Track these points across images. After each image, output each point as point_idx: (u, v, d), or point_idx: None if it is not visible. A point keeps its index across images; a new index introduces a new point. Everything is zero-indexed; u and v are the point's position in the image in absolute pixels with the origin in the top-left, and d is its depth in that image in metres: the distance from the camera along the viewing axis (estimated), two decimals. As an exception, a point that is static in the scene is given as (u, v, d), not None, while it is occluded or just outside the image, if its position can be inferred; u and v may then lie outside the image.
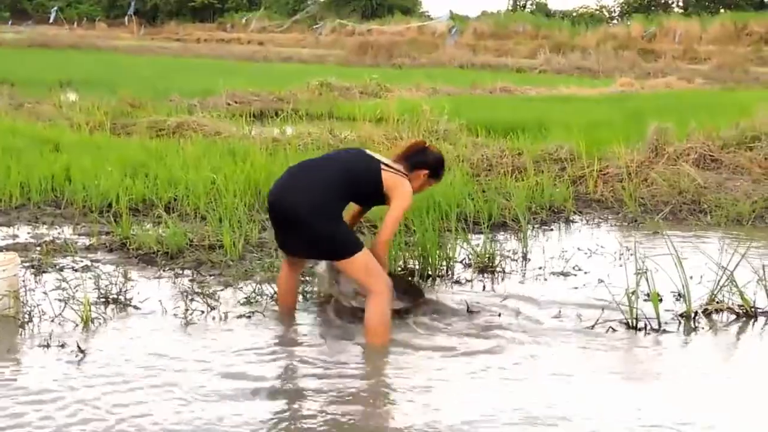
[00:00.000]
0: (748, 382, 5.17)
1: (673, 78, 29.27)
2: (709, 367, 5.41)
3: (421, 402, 4.79)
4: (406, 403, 4.80)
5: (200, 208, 8.47)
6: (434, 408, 4.70)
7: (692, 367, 5.36)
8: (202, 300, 6.17)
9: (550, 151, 11.73)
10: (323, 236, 5.41)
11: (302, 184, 5.50)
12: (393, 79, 23.75)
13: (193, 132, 13.30)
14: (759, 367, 5.43)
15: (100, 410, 4.52)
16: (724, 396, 4.95)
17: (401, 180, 5.69)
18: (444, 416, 4.59)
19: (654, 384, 5.10)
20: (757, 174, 10.91)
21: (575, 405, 4.74)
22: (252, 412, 4.56)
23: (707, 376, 5.22)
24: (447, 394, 4.89)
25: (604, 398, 4.86)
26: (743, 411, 4.75)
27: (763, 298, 6.32)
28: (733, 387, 5.10)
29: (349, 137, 12.65)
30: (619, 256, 7.67)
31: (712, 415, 4.67)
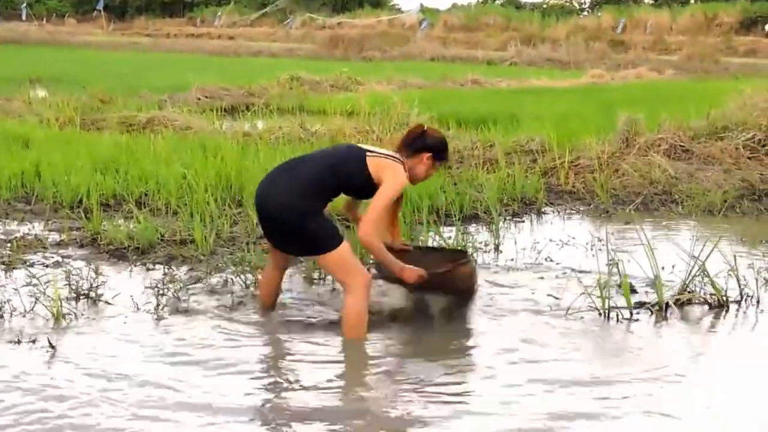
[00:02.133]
0: (718, 371, 5.19)
1: (643, 69, 29.38)
2: (680, 356, 5.42)
3: (395, 389, 4.81)
4: (379, 390, 4.80)
5: (171, 203, 8.42)
6: (408, 397, 4.70)
7: (663, 357, 5.38)
8: (173, 295, 6.13)
9: (521, 143, 11.75)
10: (299, 232, 5.39)
11: (282, 181, 5.47)
12: (364, 73, 23.71)
13: (164, 127, 13.23)
14: (730, 356, 5.45)
15: (72, 406, 4.48)
16: (694, 384, 4.96)
17: (390, 164, 5.46)
18: (418, 406, 4.59)
19: (624, 373, 5.10)
20: (728, 164, 10.97)
21: (547, 395, 4.74)
22: (226, 405, 4.53)
23: (678, 365, 5.23)
24: (420, 384, 4.89)
25: (575, 387, 4.86)
26: (713, 399, 4.76)
27: (735, 287, 6.34)
28: (704, 375, 5.12)
29: (320, 131, 12.62)
30: (590, 247, 7.69)
31: (683, 404, 4.69)
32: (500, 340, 5.57)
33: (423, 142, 5.66)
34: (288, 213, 5.36)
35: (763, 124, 11.47)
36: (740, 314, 6.15)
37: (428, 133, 5.74)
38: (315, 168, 5.50)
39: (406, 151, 5.66)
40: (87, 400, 4.55)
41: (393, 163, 5.48)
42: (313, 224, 5.38)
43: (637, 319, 5.98)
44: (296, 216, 5.35)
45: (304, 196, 5.37)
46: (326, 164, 5.52)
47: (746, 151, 11.26)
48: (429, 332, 5.71)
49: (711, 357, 5.48)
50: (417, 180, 5.81)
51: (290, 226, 5.39)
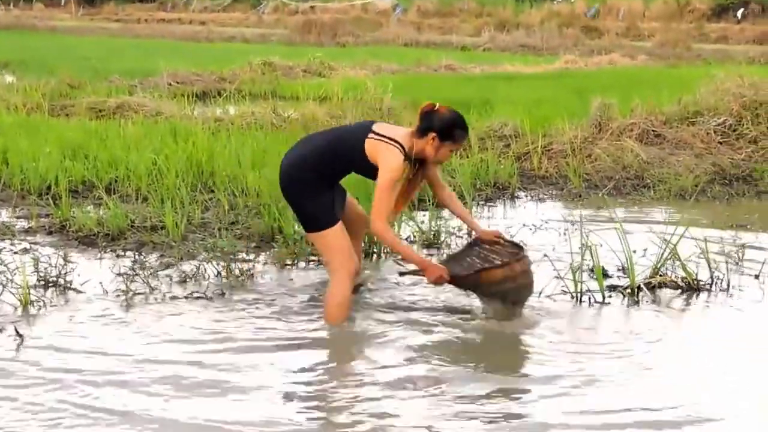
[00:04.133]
0: (689, 354, 5.20)
1: (616, 55, 29.37)
2: (652, 338, 5.43)
3: (376, 373, 4.81)
4: (357, 375, 4.78)
5: (142, 189, 8.35)
6: (388, 381, 4.70)
7: (634, 339, 5.39)
8: (143, 281, 6.08)
9: (494, 128, 11.73)
10: (293, 204, 5.52)
11: (293, 152, 5.57)
12: (337, 58, 23.61)
13: (134, 113, 13.09)
14: (700, 338, 5.47)
15: (41, 395, 4.44)
16: (664, 366, 4.97)
17: (383, 148, 5.29)
18: (399, 391, 4.58)
19: (596, 356, 5.11)
20: (700, 148, 10.99)
21: (519, 378, 4.74)
22: (195, 390, 4.50)
23: (649, 348, 5.24)
24: (397, 366, 4.87)
25: (548, 369, 4.87)
26: (683, 382, 4.77)
27: (706, 270, 6.35)
28: (674, 357, 5.12)
29: (292, 116, 12.55)
30: (563, 232, 7.69)
31: (654, 385, 4.69)
32: (473, 325, 5.58)
33: (429, 122, 5.35)
34: (286, 182, 5.47)
35: (734, 109, 11.50)
36: (711, 297, 6.17)
37: (436, 112, 5.39)
38: (319, 140, 5.57)
39: (418, 131, 5.39)
40: (55, 388, 4.51)
41: (386, 147, 5.30)
42: (305, 199, 5.41)
43: (609, 302, 5.98)
44: (292, 187, 5.43)
45: (302, 168, 5.40)
46: (330, 137, 5.56)
47: (717, 135, 11.29)
48: (401, 316, 5.68)
49: (682, 339, 5.48)
50: (432, 161, 5.49)
51: (287, 196, 5.52)
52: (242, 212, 7.77)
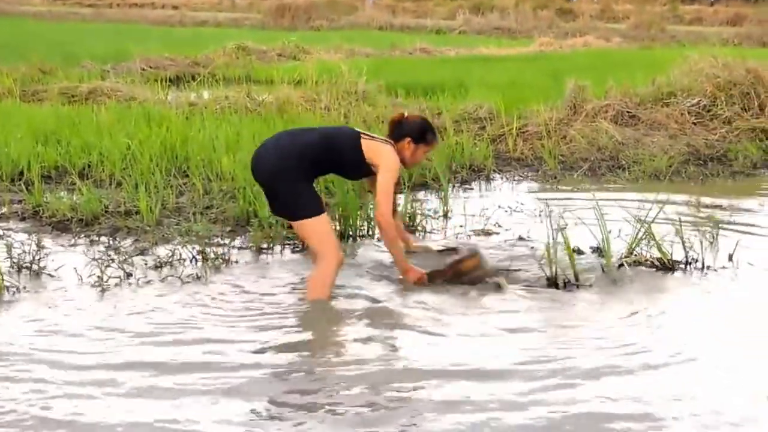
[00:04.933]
0: (664, 332, 5.22)
1: (591, 37, 29.44)
2: (626, 317, 5.44)
3: (355, 355, 4.81)
4: (335, 356, 4.77)
5: (115, 174, 8.29)
6: (371, 366, 4.69)
7: (609, 318, 5.40)
8: (117, 266, 6.04)
9: (469, 110, 11.74)
10: (281, 194, 5.54)
11: (276, 145, 5.62)
12: (311, 42, 23.53)
13: (107, 98, 12.99)
14: (674, 317, 5.48)
15: (16, 382, 4.40)
16: (641, 346, 4.98)
17: (383, 147, 5.67)
18: (380, 376, 4.58)
19: (571, 334, 5.14)
20: (674, 129, 11.04)
21: (497, 357, 4.74)
22: (172, 374, 4.47)
23: (623, 327, 5.26)
24: (373, 350, 4.87)
25: (523, 350, 4.88)
26: (659, 361, 4.78)
27: (681, 250, 6.37)
28: (650, 337, 5.14)
29: (267, 100, 12.49)
30: (539, 213, 7.70)
31: (628, 364, 4.70)
32: (449, 306, 5.58)
33: (401, 130, 5.81)
34: (274, 175, 5.51)
35: (708, 90, 11.56)
36: (685, 276, 6.19)
37: (405, 120, 5.85)
38: (309, 136, 5.68)
39: (392, 139, 5.81)
40: (30, 377, 4.47)
41: (386, 147, 5.68)
42: (295, 188, 5.49)
43: (584, 282, 5.99)
44: (281, 178, 5.48)
45: (291, 160, 5.49)
46: (321, 134, 5.71)
47: (691, 116, 11.35)
48: (380, 299, 5.68)
49: (656, 318, 5.49)
50: (408, 164, 5.95)
51: (275, 188, 5.55)
52: (217, 196, 7.74)
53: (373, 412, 4.16)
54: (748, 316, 5.49)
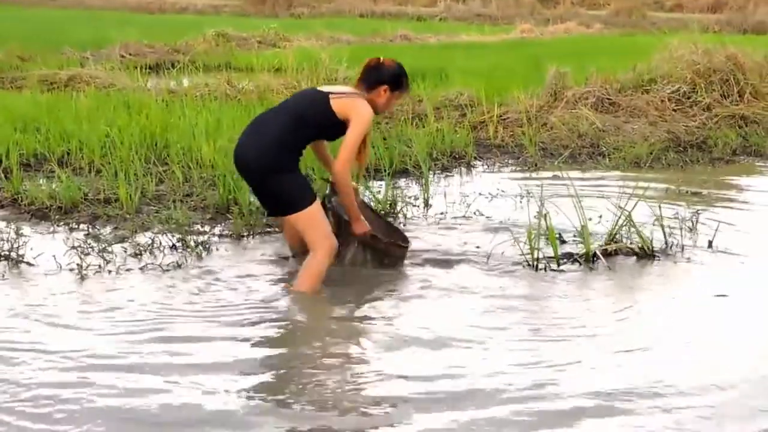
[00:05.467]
0: (643, 318, 5.24)
1: (572, 24, 29.51)
2: (606, 303, 5.46)
3: (337, 347, 4.82)
4: (318, 345, 4.76)
5: (95, 162, 8.25)
6: (348, 359, 4.69)
7: (588, 305, 5.43)
8: (97, 254, 6.01)
9: (450, 97, 11.77)
10: (271, 191, 5.46)
11: (252, 141, 5.49)
12: (292, 29, 23.47)
13: (87, 85, 12.94)
14: (655, 303, 5.50)
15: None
16: (619, 332, 5.00)
17: (355, 101, 5.52)
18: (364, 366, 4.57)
19: (550, 320, 5.16)
20: (654, 116, 11.06)
21: (479, 342, 4.75)
22: (152, 363, 4.45)
23: (602, 313, 5.27)
24: (354, 338, 4.87)
25: (505, 335, 4.90)
26: (638, 346, 4.80)
27: (660, 237, 6.39)
28: (628, 323, 5.15)
29: (247, 87, 12.46)
30: (519, 200, 7.71)
31: (608, 350, 4.72)
32: (430, 292, 5.61)
33: (378, 76, 5.64)
34: (261, 173, 5.41)
35: (688, 77, 11.59)
36: (666, 263, 6.21)
37: (383, 66, 5.68)
38: (282, 122, 5.49)
39: (364, 86, 5.65)
40: (9, 364, 4.44)
41: (357, 100, 5.53)
42: (284, 183, 5.41)
43: (564, 269, 6.01)
44: (268, 175, 5.39)
45: (274, 154, 5.39)
46: (293, 116, 5.52)
47: (671, 103, 11.38)
48: (362, 287, 5.68)
49: (636, 305, 5.51)
50: (380, 111, 5.78)
51: (263, 185, 5.46)
52: (197, 184, 7.71)
53: (355, 403, 4.16)
54: (726, 302, 5.51)
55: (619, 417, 4.01)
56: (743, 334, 5.02)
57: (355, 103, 5.51)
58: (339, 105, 5.48)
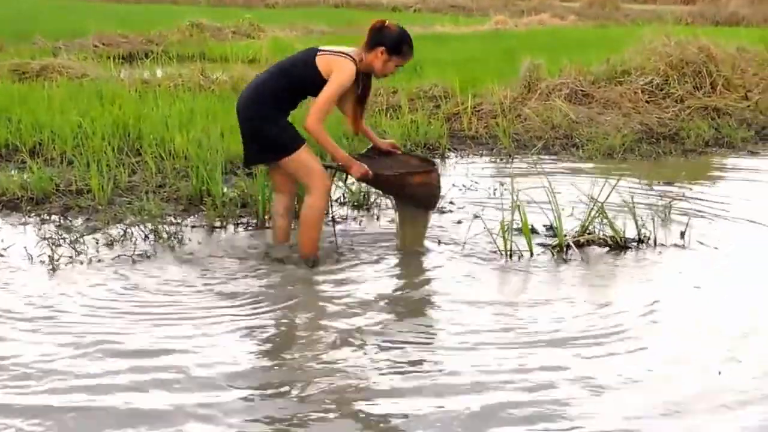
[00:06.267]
0: (615, 308, 5.25)
1: (546, 15, 29.54)
2: (578, 295, 5.48)
3: (314, 333, 4.80)
4: (292, 333, 4.76)
5: (67, 153, 8.19)
6: (327, 344, 4.69)
7: (561, 296, 5.44)
8: (69, 245, 5.97)
9: (424, 89, 11.78)
10: (259, 136, 5.73)
11: (245, 92, 5.87)
12: (267, 19, 23.39)
13: (59, 75, 12.84)
14: (626, 294, 5.52)
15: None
16: (592, 322, 5.01)
17: (337, 59, 5.62)
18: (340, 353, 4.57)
19: (522, 311, 5.16)
20: (627, 108, 11.10)
21: (452, 333, 4.76)
22: (124, 357, 4.43)
23: (576, 304, 5.29)
24: (336, 331, 4.87)
25: (477, 326, 4.91)
26: (609, 336, 4.82)
27: (632, 228, 6.42)
28: (599, 313, 5.17)
29: (221, 78, 12.42)
30: (493, 191, 7.72)
31: (580, 341, 4.74)
32: (403, 284, 5.62)
33: (378, 37, 5.72)
34: (249, 121, 5.73)
35: (660, 69, 11.63)
36: (638, 254, 6.24)
37: (386, 28, 5.76)
38: (270, 74, 5.80)
39: (366, 46, 5.74)
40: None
41: (340, 58, 5.63)
42: (272, 129, 5.68)
43: (537, 260, 6.03)
44: (256, 122, 5.70)
45: (260, 103, 5.69)
46: (280, 68, 5.80)
47: (645, 95, 11.42)
48: (337, 276, 5.68)
49: (608, 294, 5.53)
50: (378, 74, 5.84)
51: (252, 132, 5.76)
52: (170, 175, 7.68)
53: (336, 395, 4.16)
54: (697, 293, 5.54)
55: (590, 405, 4.03)
56: (715, 323, 5.04)
57: (337, 61, 5.62)
58: (322, 61, 5.63)
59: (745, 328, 4.97)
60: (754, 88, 12.14)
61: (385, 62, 5.74)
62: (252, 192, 6.96)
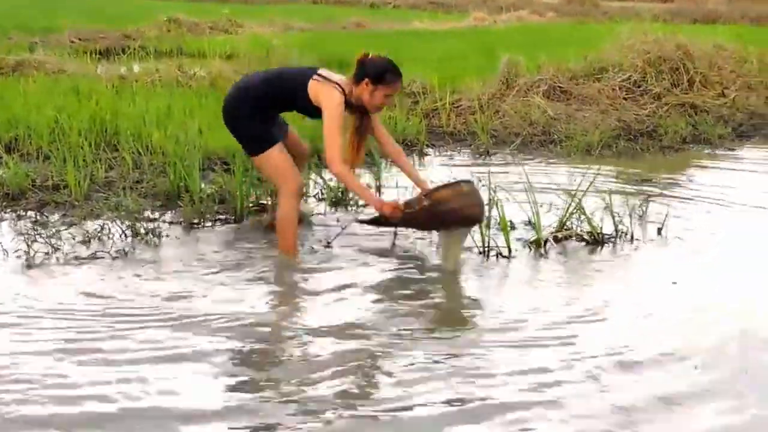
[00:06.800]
0: (592, 303, 5.26)
1: (525, 12, 29.62)
2: (556, 290, 5.49)
3: (296, 330, 4.79)
4: (270, 331, 4.75)
5: (43, 148, 8.14)
6: (310, 344, 4.68)
7: (540, 291, 5.45)
8: (45, 241, 5.94)
9: (403, 85, 11.71)
10: (235, 133, 5.95)
11: (231, 89, 6.10)
12: (245, 15, 23.33)
13: (35, 71, 12.75)
14: (604, 288, 5.53)
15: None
16: (568, 316, 5.02)
17: (324, 88, 5.70)
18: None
19: (502, 307, 5.16)
20: (605, 104, 11.14)
21: (431, 325, 4.76)
22: (99, 352, 4.41)
23: (553, 300, 5.30)
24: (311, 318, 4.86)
25: (456, 321, 4.92)
26: (586, 329, 4.83)
27: (610, 224, 6.44)
28: (576, 308, 5.19)
29: (199, 74, 12.38)
30: (471, 187, 7.72)
31: (558, 333, 4.75)
32: (380, 278, 5.61)
33: (362, 70, 5.79)
34: (228, 116, 5.94)
35: (638, 66, 11.68)
36: (615, 250, 6.26)
37: (368, 61, 5.84)
38: (263, 79, 5.95)
39: (354, 78, 5.82)
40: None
41: (328, 87, 5.71)
42: (246, 128, 5.87)
43: (515, 256, 6.04)
44: (233, 119, 5.91)
45: (243, 101, 5.85)
46: (274, 76, 5.98)
47: (622, 92, 11.47)
48: (315, 273, 5.67)
49: (585, 289, 5.55)
50: (370, 108, 5.86)
51: (230, 127, 5.96)
52: (147, 171, 7.65)
53: (317, 392, 4.15)
54: (675, 288, 5.56)
55: (566, 400, 4.03)
56: (693, 317, 5.06)
57: (324, 91, 5.70)
58: (312, 87, 5.74)
59: (721, 322, 4.99)
60: (731, 85, 12.20)
61: (371, 93, 5.76)
62: (230, 188, 6.95)
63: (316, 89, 5.71)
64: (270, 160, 5.83)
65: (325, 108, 5.66)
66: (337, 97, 5.66)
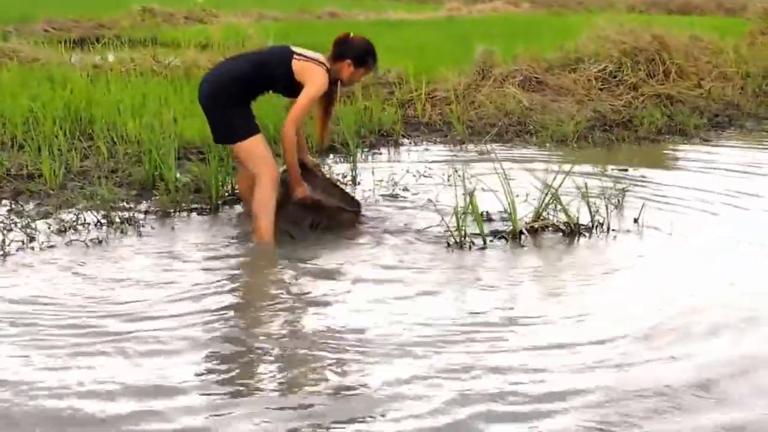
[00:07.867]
0: (568, 292, 5.29)
1: (500, 2, 29.60)
2: (531, 281, 5.52)
3: (272, 321, 4.78)
4: (248, 318, 4.73)
5: (17, 137, 8.09)
6: (284, 334, 4.66)
7: (514, 283, 5.46)
8: (20, 230, 5.90)
9: (378, 75, 11.70)
10: (215, 120, 5.97)
11: (208, 75, 6.15)
12: (219, 5, 23.23)
13: (9, 59, 12.65)
14: (579, 278, 5.55)
15: None
16: (545, 305, 5.05)
17: (312, 67, 5.90)
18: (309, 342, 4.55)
19: (475, 299, 5.16)
20: (581, 95, 11.16)
21: (403, 322, 4.75)
22: (76, 342, 4.38)
23: (529, 290, 5.33)
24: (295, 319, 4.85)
25: (431, 313, 4.89)
26: (562, 318, 4.85)
27: (586, 214, 6.45)
28: (553, 297, 5.21)
29: (173, 63, 12.32)
30: (447, 178, 7.73)
31: (531, 329, 4.75)
32: (357, 269, 5.59)
33: (343, 49, 6.08)
34: (209, 102, 5.94)
35: (614, 56, 11.70)
36: (591, 240, 6.28)
37: (350, 41, 6.12)
38: (241, 64, 6.05)
39: (332, 57, 6.06)
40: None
41: (315, 66, 5.93)
42: (227, 115, 5.90)
43: (491, 246, 6.05)
44: (214, 106, 5.91)
45: (223, 88, 5.90)
46: (253, 62, 6.05)
47: (598, 82, 11.49)
48: (290, 263, 5.67)
49: (561, 279, 5.56)
50: (345, 83, 6.27)
51: (210, 114, 5.98)
52: (122, 160, 7.63)
53: (297, 384, 4.14)
54: (651, 277, 5.59)
55: (543, 392, 4.04)
56: (668, 307, 5.08)
57: (312, 69, 5.90)
58: (298, 66, 5.89)
59: (697, 311, 5.01)
60: (707, 76, 12.25)
61: (351, 74, 6.11)
62: (205, 177, 6.92)
63: (302, 67, 5.88)
64: (255, 148, 5.92)
65: (310, 84, 5.84)
66: (324, 77, 5.90)
